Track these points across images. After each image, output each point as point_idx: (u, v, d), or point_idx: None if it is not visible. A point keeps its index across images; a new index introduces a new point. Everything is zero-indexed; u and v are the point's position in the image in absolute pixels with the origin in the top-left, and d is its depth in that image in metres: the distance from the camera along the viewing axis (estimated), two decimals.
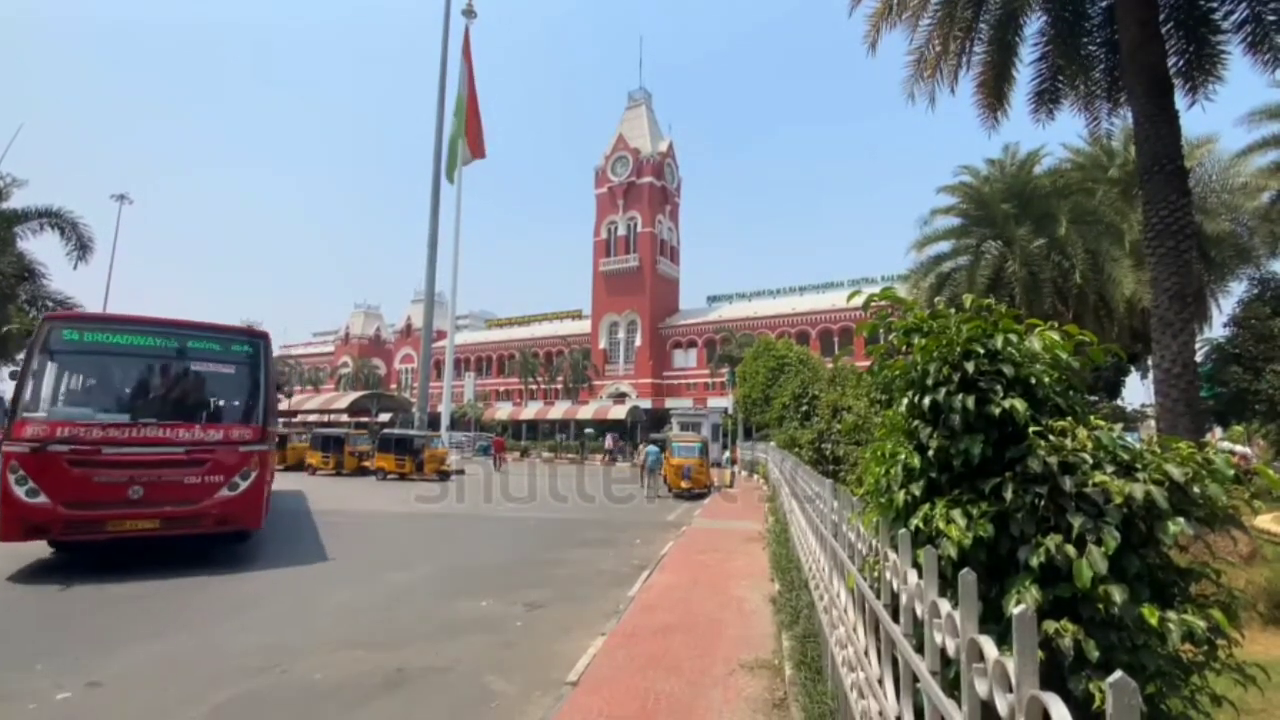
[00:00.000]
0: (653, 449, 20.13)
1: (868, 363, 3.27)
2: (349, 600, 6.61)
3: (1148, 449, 2.08)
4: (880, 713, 2.25)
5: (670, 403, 52.75)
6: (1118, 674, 0.95)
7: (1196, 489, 1.89)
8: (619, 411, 46.23)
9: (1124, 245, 16.90)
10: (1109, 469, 2.00)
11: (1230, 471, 1.92)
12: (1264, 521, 8.65)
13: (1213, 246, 17.89)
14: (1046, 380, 2.30)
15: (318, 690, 4.27)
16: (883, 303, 2.87)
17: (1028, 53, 10.99)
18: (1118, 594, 1.74)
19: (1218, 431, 20.04)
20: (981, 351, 2.30)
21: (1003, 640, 1.44)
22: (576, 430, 45.81)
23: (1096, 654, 1.70)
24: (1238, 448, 19.26)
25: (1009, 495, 2.03)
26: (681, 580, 7.54)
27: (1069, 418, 2.25)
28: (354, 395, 40.17)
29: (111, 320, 8.56)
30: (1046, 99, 11.28)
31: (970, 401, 2.20)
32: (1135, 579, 1.85)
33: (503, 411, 52.67)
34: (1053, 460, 2.02)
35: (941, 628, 1.56)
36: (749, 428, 26.56)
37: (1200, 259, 16.68)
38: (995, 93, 11.23)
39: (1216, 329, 18.55)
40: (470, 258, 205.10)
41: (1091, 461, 2.02)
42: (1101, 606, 1.77)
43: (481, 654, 5.05)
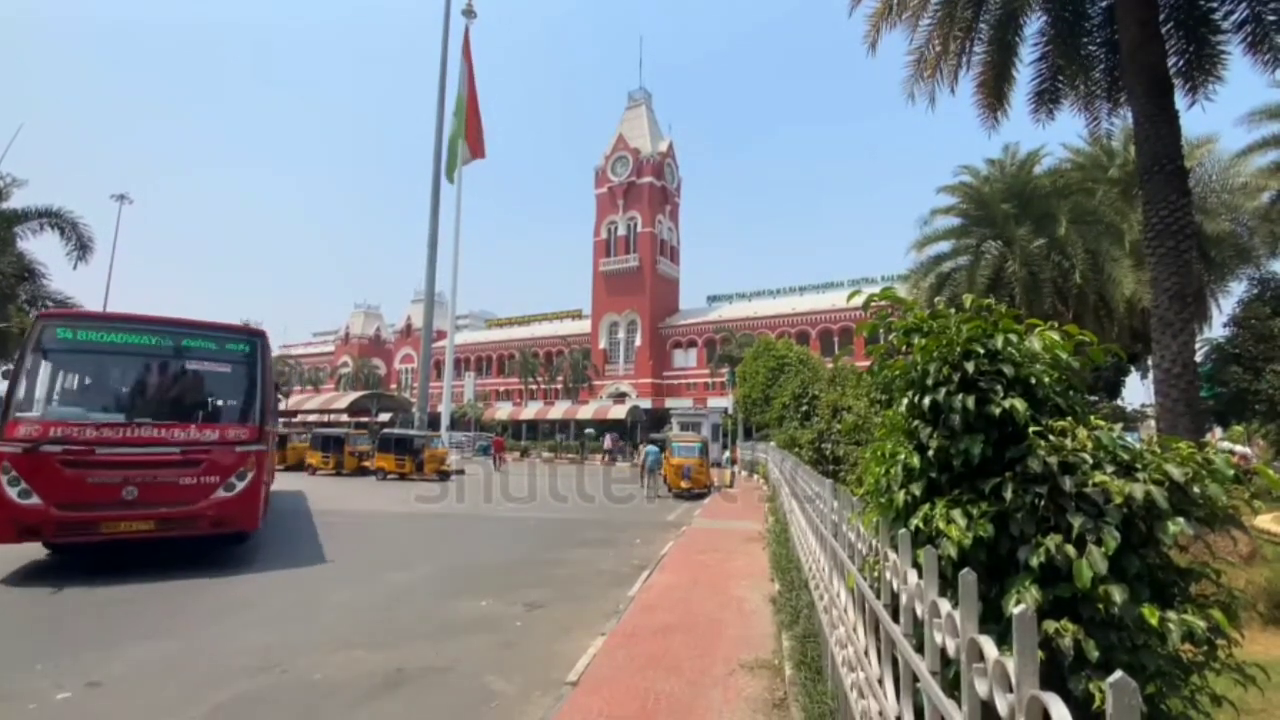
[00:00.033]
0: (652, 449, 20.12)
1: (868, 363, 3.27)
2: (349, 600, 6.61)
3: (1148, 449, 2.08)
4: (880, 713, 2.25)
5: (670, 403, 52.76)
6: (1118, 674, 0.95)
7: (1196, 489, 1.89)
8: (619, 411, 46.24)
9: (1124, 245, 16.91)
10: (1109, 469, 2.00)
11: (1230, 471, 1.92)
12: (1264, 521, 8.65)
13: (1213, 246, 17.90)
14: (1046, 380, 2.30)
15: (318, 690, 4.27)
16: (883, 303, 2.87)
17: (1028, 53, 11.02)
18: (1118, 594, 1.74)
19: (1218, 431, 20.04)
20: (981, 351, 2.30)
21: (1003, 640, 1.44)
22: (576, 430, 45.80)
23: (1096, 654, 1.70)
24: (1238, 448, 19.26)
25: (1009, 495, 2.03)
26: (681, 580, 7.54)
27: (1069, 418, 2.25)
28: (354, 395, 40.20)
29: (106, 319, 8.44)
30: (1046, 99, 11.29)
31: (970, 401, 2.20)
32: (1135, 579, 1.85)
33: (503, 411, 52.68)
34: (1053, 460, 2.02)
35: (941, 628, 1.56)
36: (749, 428, 26.57)
37: (1200, 259, 16.69)
38: (995, 93, 11.24)
39: (1216, 329, 18.59)
40: (470, 258, 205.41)
41: (1091, 461, 2.02)
42: (1101, 606, 1.77)
43: (481, 654, 5.05)
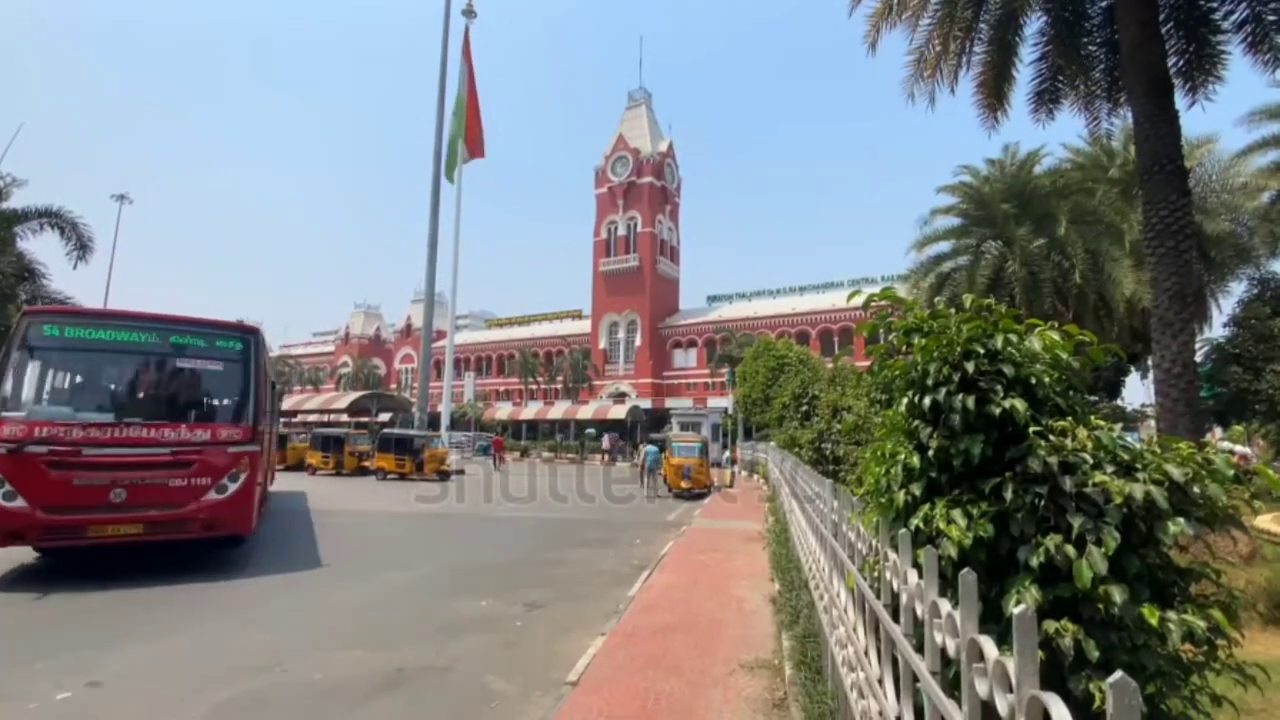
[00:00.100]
0: (652, 449, 20.12)
1: (868, 363, 3.27)
2: (349, 600, 6.61)
3: (1148, 449, 2.08)
4: (880, 713, 2.25)
5: (670, 403, 52.76)
6: (1118, 674, 0.95)
7: (1196, 489, 1.89)
8: (619, 411, 46.24)
9: (1124, 245, 16.90)
10: (1109, 469, 2.00)
11: (1230, 471, 1.92)
12: (1264, 521, 8.66)
13: (1213, 246, 17.90)
14: (1046, 380, 2.30)
15: (318, 690, 4.27)
16: (883, 303, 2.87)
17: (1028, 53, 11.02)
18: (1118, 594, 1.74)
19: (1218, 431, 20.04)
20: (981, 351, 2.30)
21: (1003, 640, 1.44)
22: (576, 430, 45.80)
23: (1096, 654, 1.70)
24: (1238, 448, 19.26)
25: (1009, 495, 2.03)
26: (681, 580, 7.54)
27: (1069, 418, 2.25)
28: (354, 395, 40.20)
29: (94, 315, 8.17)
30: (1046, 99, 11.28)
31: (970, 401, 2.20)
32: (1135, 579, 1.85)
33: (503, 411, 52.68)
34: (1053, 460, 2.02)
35: (942, 628, 1.56)
36: (749, 428, 26.57)
37: (1200, 259, 16.69)
38: (995, 93, 11.24)
39: (1216, 329, 18.59)
40: (470, 258, 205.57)
41: (1091, 461, 2.02)
42: (1101, 606, 1.77)
43: (481, 654, 5.05)
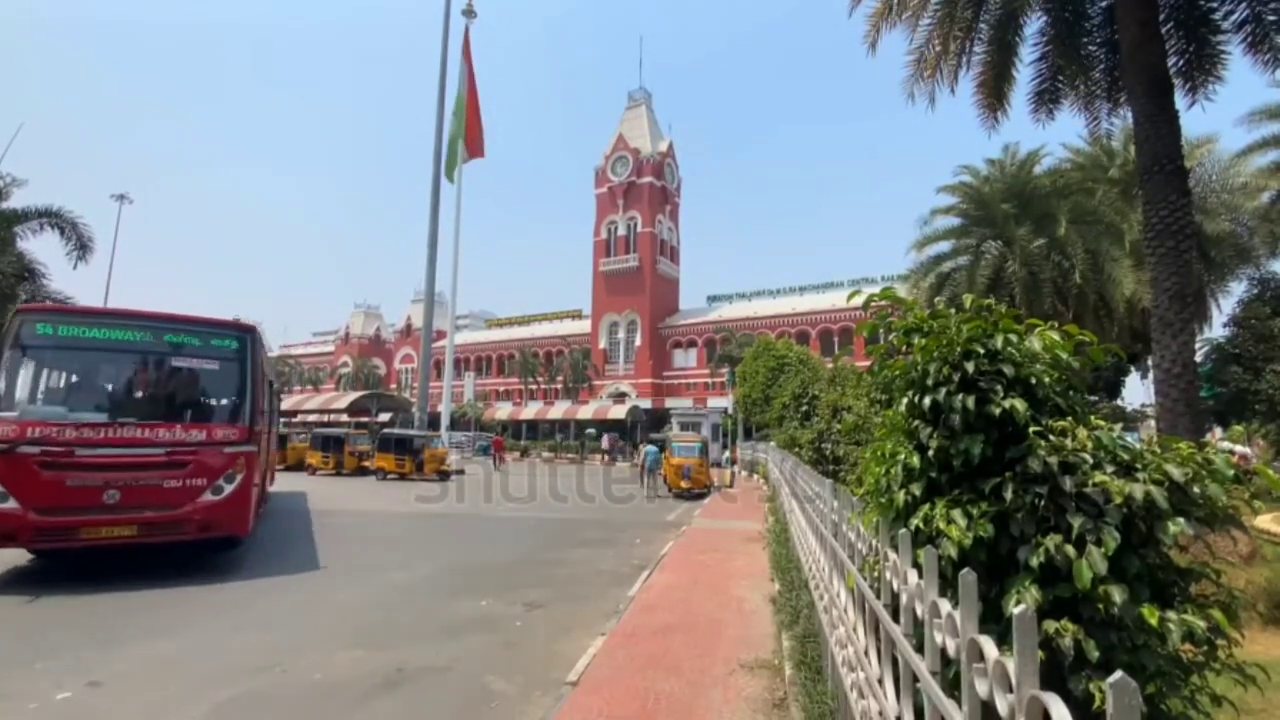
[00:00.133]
0: (651, 449, 20.12)
1: (868, 363, 3.27)
2: (349, 600, 6.61)
3: (1148, 449, 2.08)
4: (880, 713, 2.25)
5: (670, 403, 52.75)
6: (1118, 674, 0.95)
7: (1196, 489, 1.89)
8: (619, 411, 46.23)
9: (1124, 245, 16.90)
10: (1109, 469, 2.00)
11: (1230, 471, 1.92)
12: (1264, 521, 8.65)
13: (1213, 246, 17.90)
14: (1046, 380, 2.30)
15: (318, 690, 4.27)
16: (883, 303, 2.87)
17: (1028, 53, 11.02)
18: (1118, 594, 1.74)
19: (1218, 431, 20.05)
20: (981, 351, 2.30)
21: (1003, 640, 1.44)
22: (576, 430, 45.80)
23: (1096, 654, 1.70)
24: (1238, 448, 19.26)
25: (1009, 495, 2.03)
26: (681, 580, 7.54)
27: (1069, 418, 2.25)
28: (354, 395, 40.19)
29: (88, 313, 8.06)
30: (1046, 99, 11.28)
31: (970, 401, 2.20)
32: (1135, 579, 1.85)
33: (503, 411, 52.67)
34: (1053, 460, 2.02)
35: (942, 628, 1.56)
36: (749, 428, 26.57)
37: (1200, 259, 16.69)
38: (995, 93, 11.24)
39: (1216, 329, 18.59)
40: (470, 258, 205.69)
41: (1091, 461, 2.02)
42: (1101, 606, 1.77)
43: (481, 654, 5.05)
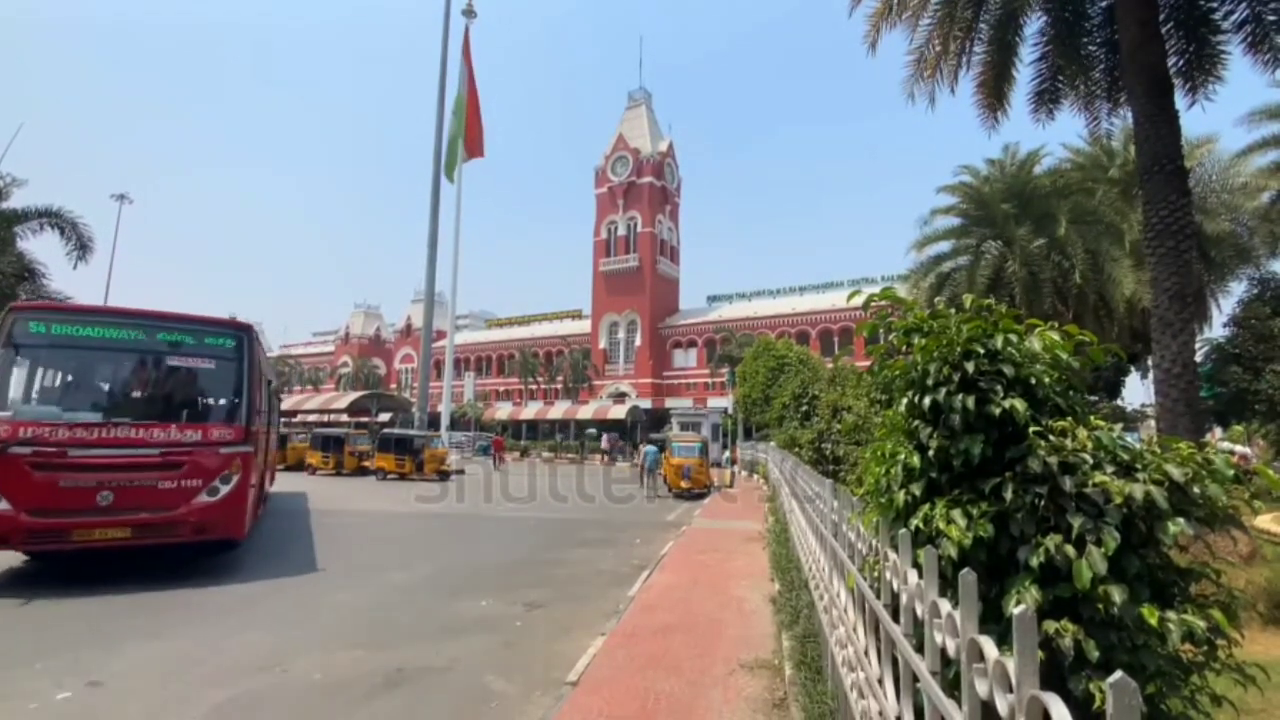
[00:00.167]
0: (651, 449, 20.12)
1: (868, 363, 3.27)
2: (349, 600, 6.60)
3: (1148, 449, 2.08)
4: (880, 713, 2.25)
5: (670, 403, 52.75)
6: (1118, 674, 0.95)
7: (1196, 489, 1.89)
8: (619, 411, 46.23)
9: (1124, 245, 16.90)
10: (1109, 469, 2.00)
11: (1230, 471, 1.92)
12: (1264, 521, 8.66)
13: (1213, 246, 17.89)
14: (1046, 380, 2.30)
15: (318, 690, 4.27)
16: (883, 303, 2.87)
17: (1028, 53, 11.02)
18: (1118, 594, 1.74)
19: (1218, 431, 20.05)
20: (981, 351, 2.30)
21: (1003, 640, 1.44)
22: (576, 430, 45.80)
23: (1096, 654, 1.70)
24: (1238, 448, 19.28)
25: (1009, 495, 2.03)
26: (681, 580, 7.54)
27: (1069, 418, 2.25)
28: (354, 395, 40.19)
29: (82, 311, 7.98)
30: (1046, 99, 11.28)
31: (970, 401, 2.20)
32: (1135, 579, 1.85)
33: (503, 411, 52.67)
34: (1053, 460, 2.02)
35: (942, 628, 1.56)
36: (749, 428, 26.57)
37: (1200, 259, 16.69)
38: (995, 93, 11.24)
39: (1216, 329, 18.59)
40: (470, 258, 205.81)
41: (1091, 461, 2.02)
42: (1101, 606, 1.77)
43: (481, 654, 5.05)
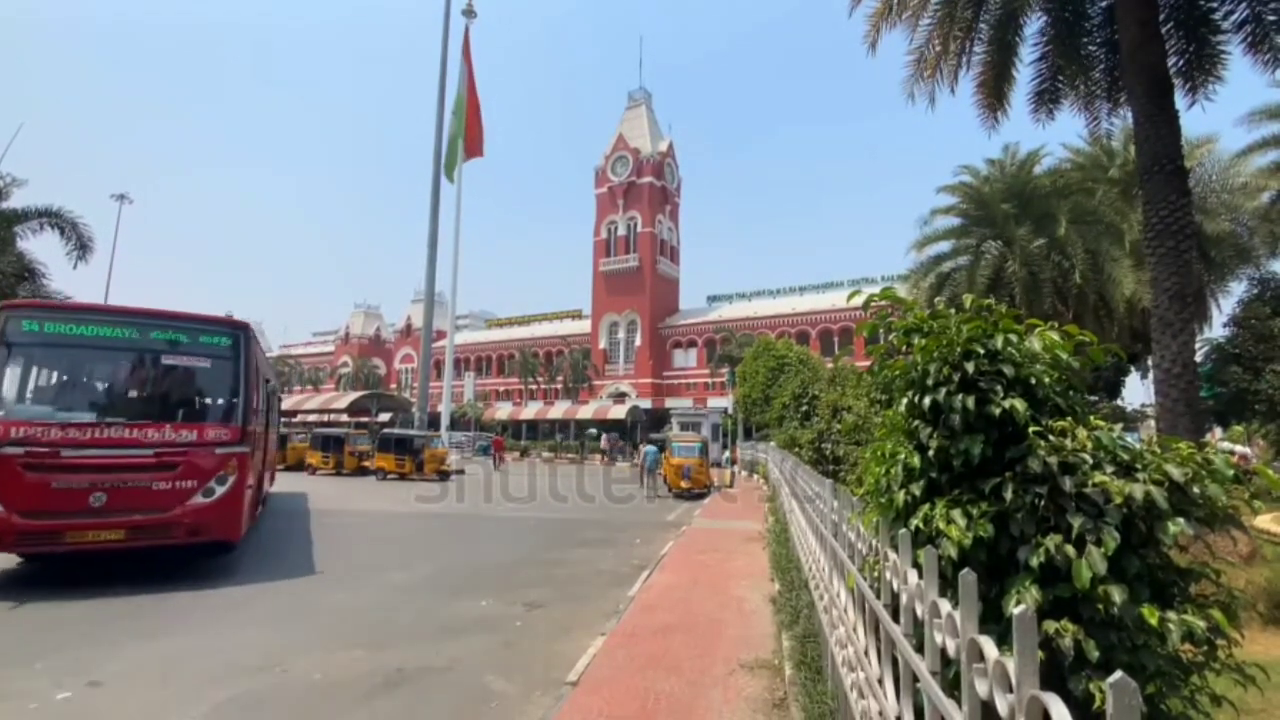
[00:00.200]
0: (651, 449, 20.12)
1: (868, 363, 3.27)
2: (349, 600, 6.61)
3: (1148, 449, 2.08)
4: (880, 713, 2.25)
5: (670, 403, 52.74)
6: (1118, 674, 0.95)
7: (1196, 489, 1.89)
8: (619, 411, 46.22)
9: (1124, 245, 16.90)
10: (1109, 469, 2.00)
11: (1230, 471, 1.92)
12: (1264, 521, 8.66)
13: (1213, 246, 17.89)
14: (1046, 380, 2.30)
15: (318, 690, 4.27)
16: (883, 303, 2.87)
17: (1028, 53, 11.02)
18: (1117, 594, 1.74)
19: (1218, 431, 20.05)
20: (981, 352, 2.30)
21: (1003, 640, 1.44)
22: (577, 430, 45.78)
23: (1096, 654, 1.70)
24: (1238, 448, 19.29)
25: (1009, 495, 2.03)
26: (681, 580, 7.54)
27: (1069, 418, 2.25)
28: (354, 395, 40.18)
29: (76, 310, 7.93)
30: (1046, 99, 11.28)
31: (970, 401, 2.20)
32: (1135, 579, 1.85)
33: (503, 411, 52.66)
34: (1053, 460, 2.02)
35: (942, 628, 1.56)
36: (749, 428, 26.57)
37: (1200, 259, 16.68)
38: (995, 93, 11.24)
39: (1216, 329, 18.59)
40: (470, 258, 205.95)
41: (1091, 461, 2.02)
42: (1101, 606, 1.77)
43: (481, 654, 5.05)
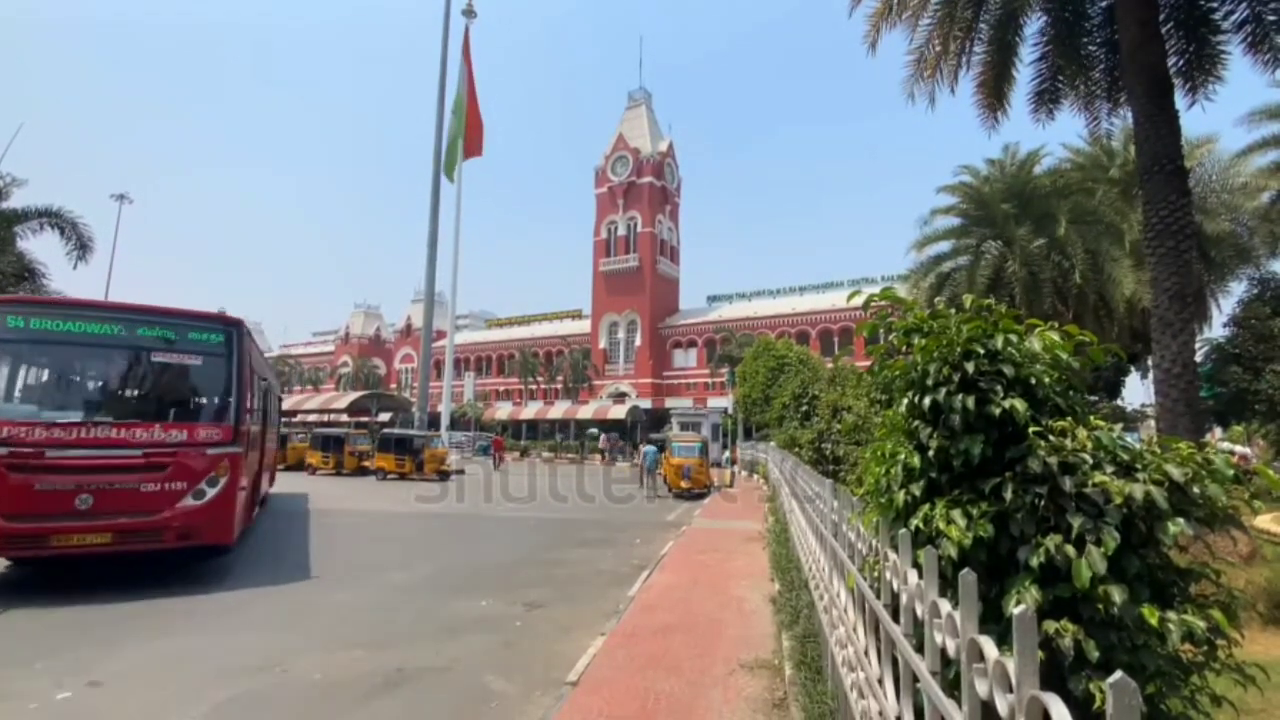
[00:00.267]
0: (651, 449, 20.11)
1: (868, 363, 3.27)
2: (348, 600, 6.60)
3: (1148, 449, 2.08)
4: (880, 713, 2.25)
5: (670, 403, 52.73)
6: (1118, 674, 0.95)
7: (1196, 489, 1.89)
8: (619, 411, 46.21)
9: (1124, 245, 16.90)
10: (1109, 469, 2.00)
11: (1230, 471, 1.92)
12: (1264, 521, 8.66)
13: (1213, 246, 17.89)
14: (1046, 380, 2.30)
15: (318, 690, 4.27)
16: (883, 303, 2.87)
17: (1028, 53, 11.02)
18: (1117, 594, 1.74)
19: (1218, 431, 20.06)
20: (981, 352, 2.30)
21: (1003, 640, 1.44)
22: (576, 430, 45.77)
23: (1096, 654, 1.70)
24: (1238, 448, 19.30)
25: (1009, 495, 2.03)
26: (681, 580, 7.54)
27: (1069, 418, 2.25)
28: (354, 395, 40.16)
29: (62, 305, 7.76)
30: (1046, 99, 11.28)
31: (970, 401, 2.20)
32: (1135, 579, 1.85)
33: (503, 411, 52.64)
34: (1053, 460, 2.02)
35: (942, 628, 1.56)
36: (749, 428, 26.57)
37: (1200, 259, 16.68)
38: (995, 93, 11.24)
39: (1216, 329, 18.59)
40: (470, 258, 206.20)
41: (1091, 462, 2.02)
42: (1101, 606, 1.77)
43: (481, 654, 5.05)
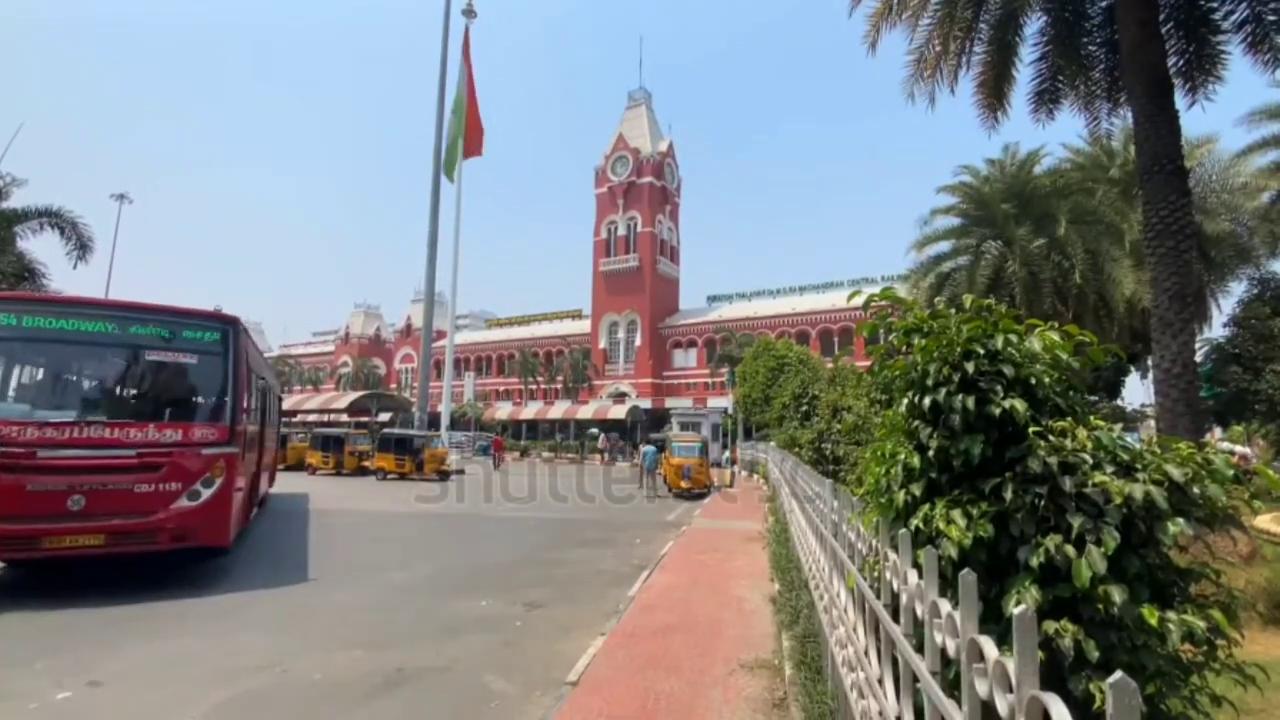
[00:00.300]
0: (650, 449, 20.11)
1: (868, 363, 3.27)
2: (348, 600, 6.60)
3: (1148, 449, 2.08)
4: (880, 713, 2.25)
5: (670, 402, 52.73)
6: (1118, 674, 0.95)
7: (1196, 489, 1.89)
8: (619, 411, 46.20)
9: (1124, 245, 16.90)
10: (1109, 469, 2.00)
11: (1230, 471, 1.92)
12: (1264, 521, 8.66)
13: (1213, 246, 17.89)
14: (1046, 380, 2.30)
15: (318, 690, 4.27)
16: (883, 303, 2.87)
17: (1028, 53, 11.03)
18: (1117, 594, 1.74)
19: (1218, 431, 20.07)
20: (981, 352, 2.30)
21: (1003, 640, 1.44)
22: (576, 430, 45.76)
23: (1096, 654, 1.70)
24: (1238, 448, 19.30)
25: (1009, 495, 2.03)
26: (681, 580, 7.54)
27: (1069, 418, 2.25)
28: (354, 395, 40.16)
29: (55, 302, 7.71)
30: (1046, 99, 11.29)
31: (970, 402, 2.20)
32: (1135, 579, 1.85)
33: (503, 411, 52.63)
34: (1053, 460, 2.02)
35: (942, 628, 1.56)
36: (749, 428, 26.57)
37: (1200, 259, 16.68)
38: (995, 93, 11.24)
39: (1216, 329, 18.59)
40: (470, 258, 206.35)
41: (1091, 462, 2.02)
42: (1101, 606, 1.77)
43: (481, 654, 5.05)
